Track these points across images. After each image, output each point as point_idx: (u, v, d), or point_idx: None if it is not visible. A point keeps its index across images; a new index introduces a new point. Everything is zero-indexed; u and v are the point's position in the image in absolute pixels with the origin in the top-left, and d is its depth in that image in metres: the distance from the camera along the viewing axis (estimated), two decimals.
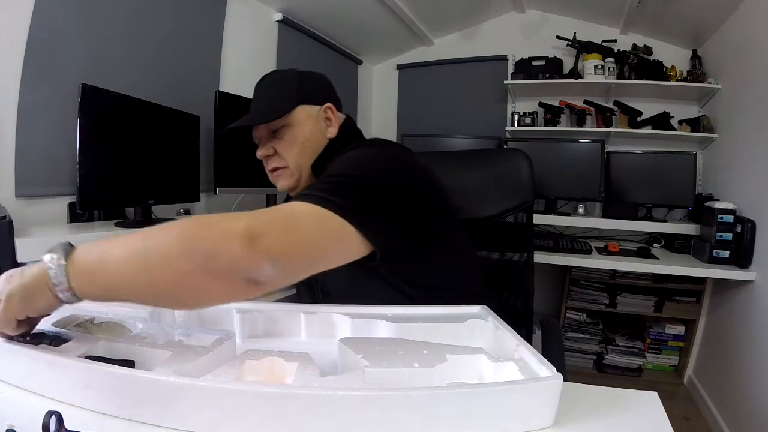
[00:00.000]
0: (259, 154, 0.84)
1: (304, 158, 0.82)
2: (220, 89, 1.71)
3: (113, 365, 0.46)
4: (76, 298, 0.46)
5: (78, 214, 1.33)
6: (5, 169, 1.22)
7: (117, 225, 1.30)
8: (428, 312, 0.66)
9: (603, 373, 2.42)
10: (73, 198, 1.29)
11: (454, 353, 0.51)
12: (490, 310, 0.66)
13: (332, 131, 0.85)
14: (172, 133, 1.49)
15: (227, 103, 1.63)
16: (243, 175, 1.70)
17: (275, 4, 2.22)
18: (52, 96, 1.28)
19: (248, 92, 0.91)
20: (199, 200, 1.70)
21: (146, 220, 1.37)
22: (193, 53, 1.82)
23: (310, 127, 0.82)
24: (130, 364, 0.50)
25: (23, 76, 1.23)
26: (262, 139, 0.84)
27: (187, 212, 1.73)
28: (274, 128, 0.82)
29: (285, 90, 0.84)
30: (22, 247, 0.98)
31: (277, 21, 2.27)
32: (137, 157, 1.33)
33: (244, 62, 2.07)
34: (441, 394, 0.42)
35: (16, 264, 0.97)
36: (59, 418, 0.38)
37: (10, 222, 0.97)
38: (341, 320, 0.64)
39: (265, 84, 0.86)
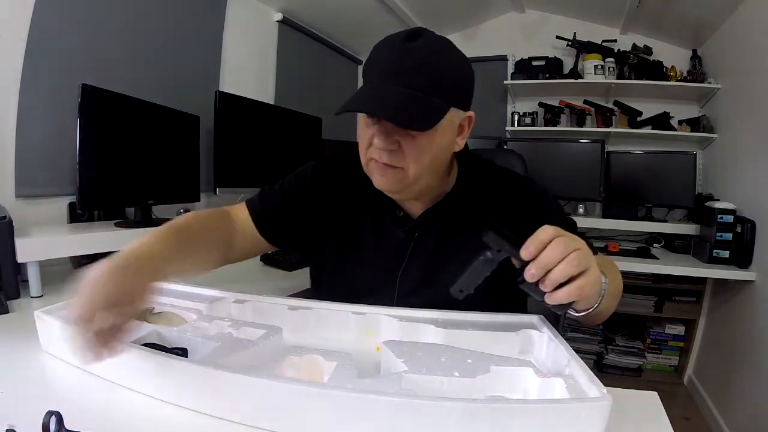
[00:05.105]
0: (381, 145, 0.65)
1: (428, 171, 0.69)
2: (220, 89, 1.70)
3: (161, 352, 0.48)
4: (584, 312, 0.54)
5: (78, 214, 1.33)
6: (5, 169, 1.22)
7: (117, 225, 1.30)
8: (480, 319, 0.63)
9: (603, 373, 2.41)
10: (73, 198, 1.29)
11: (499, 364, 0.48)
12: (546, 321, 0.62)
13: (461, 143, 0.73)
14: (172, 133, 1.49)
15: (227, 103, 1.63)
16: (243, 174, 1.69)
17: (275, 4, 2.22)
18: (52, 96, 1.28)
19: (248, 92, 0.87)
20: (199, 200, 1.69)
21: (146, 220, 1.37)
22: (193, 53, 1.81)
23: (448, 137, 0.69)
24: (183, 351, 0.52)
25: (23, 76, 1.23)
26: (383, 124, 0.65)
27: (187, 212, 1.72)
28: None
29: (451, 81, 0.66)
30: (22, 247, 0.98)
31: (277, 21, 2.26)
32: (137, 157, 1.33)
33: (244, 62, 2.07)
34: (476, 407, 0.39)
35: (16, 264, 0.97)
36: (59, 418, 0.38)
37: (10, 222, 0.97)
38: (389, 322, 0.63)
39: (433, 57, 0.64)
